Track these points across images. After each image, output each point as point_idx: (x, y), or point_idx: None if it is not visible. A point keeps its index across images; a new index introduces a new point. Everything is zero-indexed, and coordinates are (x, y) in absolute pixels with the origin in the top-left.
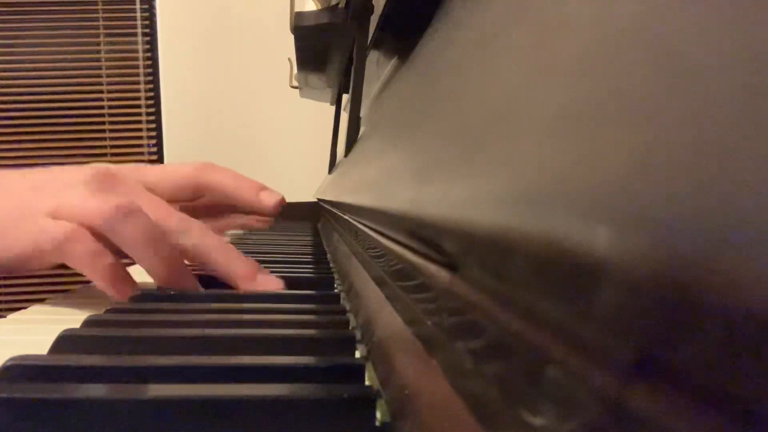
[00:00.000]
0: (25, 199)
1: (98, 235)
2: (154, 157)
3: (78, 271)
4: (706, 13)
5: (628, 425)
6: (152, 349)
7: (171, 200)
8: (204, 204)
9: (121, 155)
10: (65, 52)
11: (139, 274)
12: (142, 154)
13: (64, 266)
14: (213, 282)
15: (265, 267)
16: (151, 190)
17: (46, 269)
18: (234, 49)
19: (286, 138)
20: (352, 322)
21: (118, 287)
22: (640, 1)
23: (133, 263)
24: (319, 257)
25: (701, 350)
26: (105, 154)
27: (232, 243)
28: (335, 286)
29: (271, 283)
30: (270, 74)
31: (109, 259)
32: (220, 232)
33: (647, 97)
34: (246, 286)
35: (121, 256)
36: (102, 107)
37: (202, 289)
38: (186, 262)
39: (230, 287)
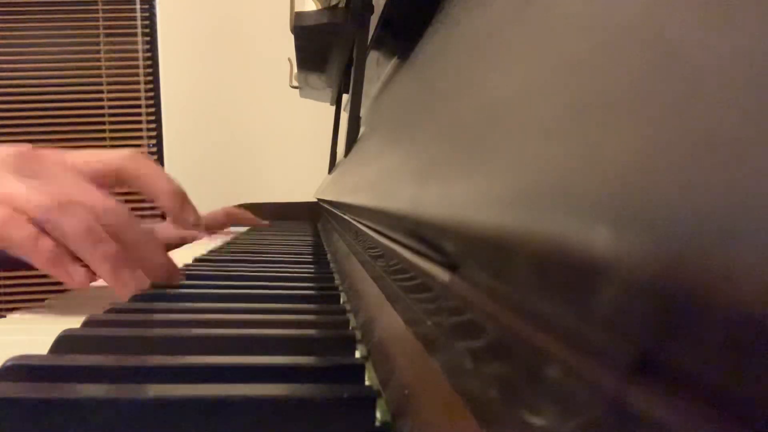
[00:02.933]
0: None
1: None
2: (154, 157)
3: (20, 255)
4: (707, 12)
5: (627, 425)
6: (152, 349)
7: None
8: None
9: None
10: (65, 52)
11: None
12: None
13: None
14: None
15: (266, 266)
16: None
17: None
18: (234, 49)
19: (286, 138)
20: (352, 322)
21: (64, 271)
22: (639, 0)
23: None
24: (319, 257)
25: (701, 350)
26: None
27: (233, 242)
28: (335, 285)
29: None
30: (270, 74)
31: (49, 242)
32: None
33: (646, 97)
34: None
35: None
36: (102, 107)
37: (149, 288)
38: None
39: (223, 287)
